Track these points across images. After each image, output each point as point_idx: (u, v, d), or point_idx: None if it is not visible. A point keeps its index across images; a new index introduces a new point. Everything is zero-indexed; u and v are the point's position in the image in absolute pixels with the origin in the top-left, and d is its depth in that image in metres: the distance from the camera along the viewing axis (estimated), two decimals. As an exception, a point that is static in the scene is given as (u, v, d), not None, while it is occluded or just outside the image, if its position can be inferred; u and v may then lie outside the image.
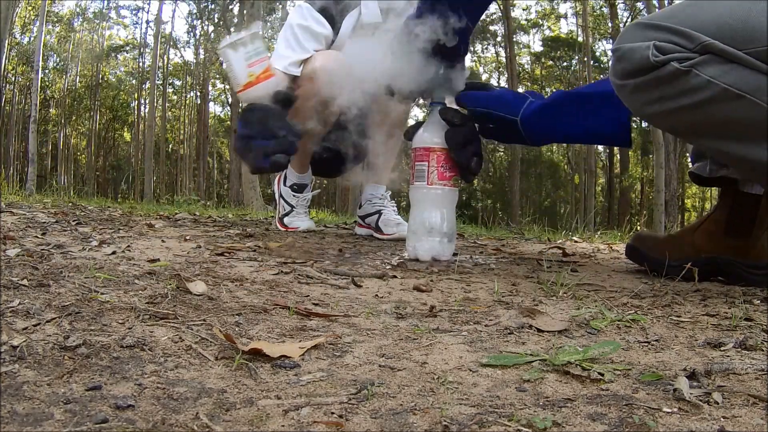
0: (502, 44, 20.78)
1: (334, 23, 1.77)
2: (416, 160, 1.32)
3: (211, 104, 23.84)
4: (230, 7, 19.79)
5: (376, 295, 0.91)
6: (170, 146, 24.24)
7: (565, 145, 22.32)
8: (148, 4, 25.66)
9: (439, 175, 1.29)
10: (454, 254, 1.35)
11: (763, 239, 1.12)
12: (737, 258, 1.12)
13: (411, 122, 1.66)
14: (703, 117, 0.89)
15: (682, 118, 0.92)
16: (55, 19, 20.35)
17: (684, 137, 1.09)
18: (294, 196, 1.98)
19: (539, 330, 0.71)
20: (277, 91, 1.16)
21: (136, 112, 23.00)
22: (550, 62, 22.03)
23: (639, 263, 1.29)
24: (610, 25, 17.81)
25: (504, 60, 20.78)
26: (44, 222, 1.54)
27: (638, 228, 7.36)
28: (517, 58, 19.65)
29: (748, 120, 0.85)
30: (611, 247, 1.90)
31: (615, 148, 18.60)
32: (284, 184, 2.01)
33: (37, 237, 1.23)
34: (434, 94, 1.32)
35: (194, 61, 23.58)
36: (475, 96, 1.28)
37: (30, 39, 18.53)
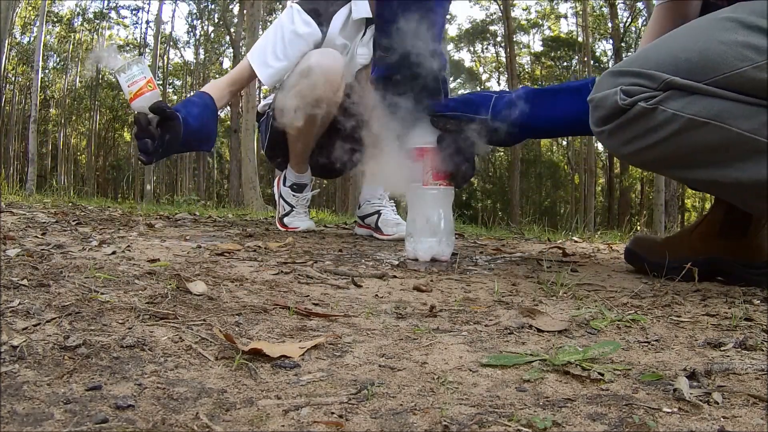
0: (502, 44, 20.82)
1: (323, 23, 1.77)
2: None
3: (211, 104, 23.77)
4: (230, 7, 19.82)
5: (376, 295, 0.91)
6: (170, 146, 24.20)
7: (565, 144, 22.40)
8: (148, 4, 25.78)
9: (434, 176, 1.29)
10: (454, 254, 1.35)
11: (760, 239, 1.12)
12: (735, 258, 1.12)
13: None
14: (675, 148, 0.94)
15: (656, 154, 0.97)
16: (55, 19, 20.35)
17: (661, 171, 1.15)
18: (293, 196, 1.98)
19: (539, 330, 0.71)
20: (152, 104, 1.39)
21: (136, 112, 23.00)
22: (550, 62, 22.04)
23: (638, 267, 1.29)
24: (610, 25, 17.82)
25: (504, 60, 20.80)
26: (44, 222, 1.54)
27: (638, 228, 7.36)
28: (517, 58, 19.66)
29: (715, 144, 0.90)
30: (611, 247, 1.90)
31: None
32: (284, 185, 2.01)
33: (37, 237, 1.23)
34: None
35: (194, 61, 23.63)
36: (444, 103, 1.29)
37: (30, 39, 18.55)
